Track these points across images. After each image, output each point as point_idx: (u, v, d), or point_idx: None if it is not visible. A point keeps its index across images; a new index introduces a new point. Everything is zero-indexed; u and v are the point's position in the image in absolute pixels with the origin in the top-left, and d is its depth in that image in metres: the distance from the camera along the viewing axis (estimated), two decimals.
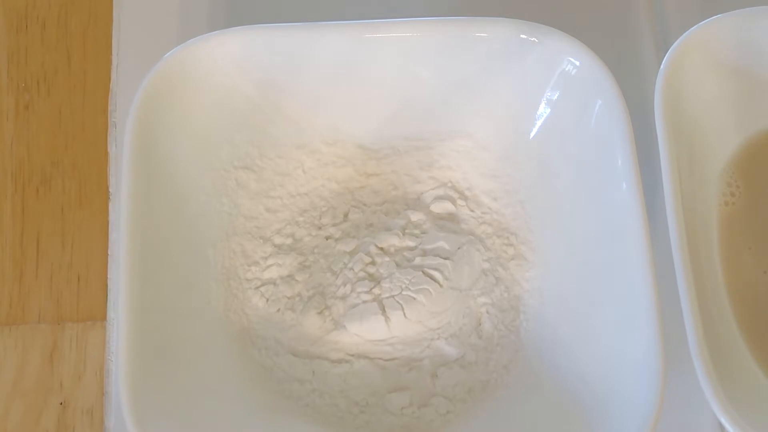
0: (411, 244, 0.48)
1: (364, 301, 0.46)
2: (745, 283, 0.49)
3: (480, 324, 0.47)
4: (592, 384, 0.44)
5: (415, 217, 0.48)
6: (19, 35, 0.55)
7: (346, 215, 0.49)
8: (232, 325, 0.46)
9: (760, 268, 0.49)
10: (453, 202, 0.49)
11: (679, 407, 0.48)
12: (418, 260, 0.47)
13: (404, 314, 0.46)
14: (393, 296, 0.46)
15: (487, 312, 0.47)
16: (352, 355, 0.46)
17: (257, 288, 0.47)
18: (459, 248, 0.48)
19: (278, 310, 0.47)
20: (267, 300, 0.47)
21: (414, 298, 0.46)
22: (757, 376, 0.47)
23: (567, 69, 0.46)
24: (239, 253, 0.48)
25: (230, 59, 0.47)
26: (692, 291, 0.43)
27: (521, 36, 0.46)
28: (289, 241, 0.48)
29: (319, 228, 0.48)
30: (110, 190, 0.53)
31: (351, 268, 0.47)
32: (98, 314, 0.50)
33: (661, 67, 0.46)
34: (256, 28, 0.47)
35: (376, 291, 0.46)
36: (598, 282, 0.45)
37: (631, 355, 0.43)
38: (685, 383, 0.46)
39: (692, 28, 0.47)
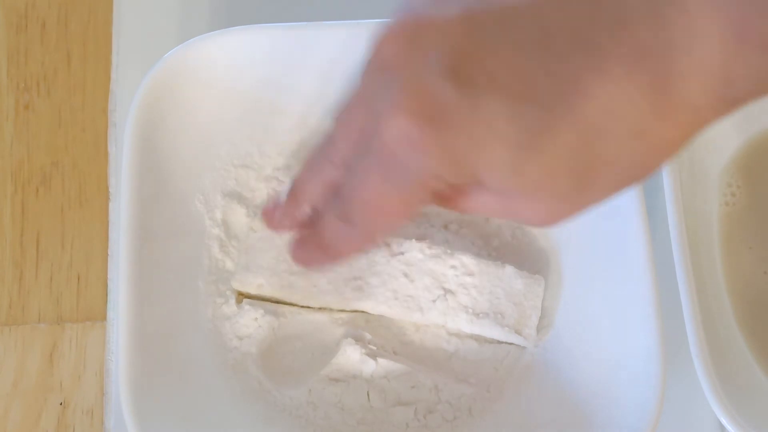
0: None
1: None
2: (745, 283, 0.49)
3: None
4: (592, 385, 0.44)
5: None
6: (19, 35, 0.55)
7: None
8: (220, 336, 0.46)
9: (760, 268, 0.49)
10: None
11: (679, 407, 0.48)
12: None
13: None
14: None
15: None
16: (349, 376, 0.45)
17: (243, 298, 0.47)
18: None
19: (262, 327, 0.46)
20: (256, 318, 0.47)
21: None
22: (757, 376, 0.47)
23: None
24: (233, 256, 0.47)
25: (230, 59, 0.47)
26: (692, 291, 0.43)
27: None
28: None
29: None
30: (110, 190, 0.52)
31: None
32: (98, 314, 0.50)
33: None
34: (256, 28, 0.47)
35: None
36: (598, 282, 0.45)
37: (632, 357, 0.43)
38: (685, 383, 0.46)
39: None
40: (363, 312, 0.46)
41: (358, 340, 0.45)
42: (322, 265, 0.43)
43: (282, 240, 0.47)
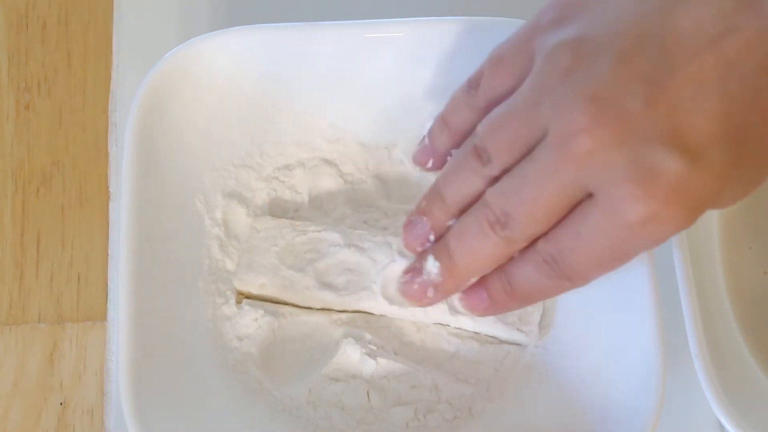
0: None
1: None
2: (745, 283, 0.49)
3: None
4: (593, 385, 0.44)
5: None
6: (19, 35, 0.55)
7: (345, 213, 0.49)
8: (220, 336, 0.46)
9: (760, 268, 0.49)
10: None
11: (679, 407, 0.48)
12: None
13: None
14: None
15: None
16: (349, 376, 0.45)
17: (244, 298, 0.47)
18: None
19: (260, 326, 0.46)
20: (256, 318, 0.47)
21: None
22: (757, 376, 0.47)
23: None
24: (233, 256, 0.47)
25: (230, 59, 0.47)
26: (692, 291, 0.43)
27: None
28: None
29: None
30: (110, 190, 0.53)
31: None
32: (98, 314, 0.50)
33: None
34: (256, 28, 0.47)
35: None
36: (598, 283, 0.45)
37: (631, 355, 0.43)
38: (685, 383, 0.46)
39: None
40: (364, 312, 0.47)
41: (358, 340, 0.45)
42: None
43: (284, 240, 0.47)
